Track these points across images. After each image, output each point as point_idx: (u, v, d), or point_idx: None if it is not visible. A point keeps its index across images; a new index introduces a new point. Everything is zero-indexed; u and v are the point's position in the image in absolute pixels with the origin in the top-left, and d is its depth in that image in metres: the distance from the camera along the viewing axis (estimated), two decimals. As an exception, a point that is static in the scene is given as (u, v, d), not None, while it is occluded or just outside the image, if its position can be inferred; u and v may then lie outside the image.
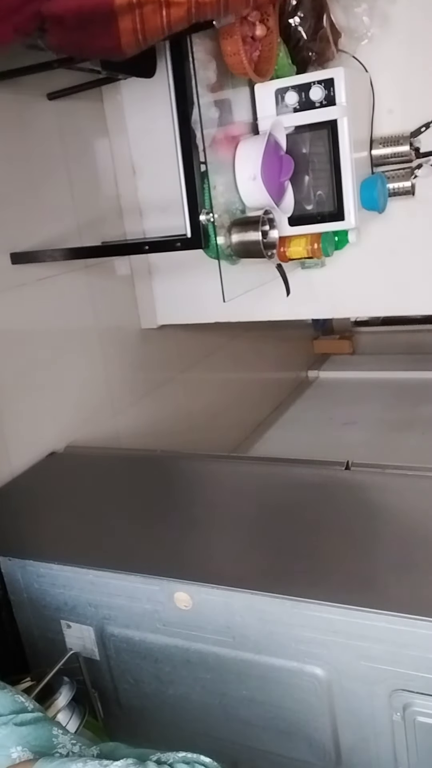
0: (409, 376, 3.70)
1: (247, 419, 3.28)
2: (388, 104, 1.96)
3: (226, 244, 1.71)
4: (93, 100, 2.21)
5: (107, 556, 1.44)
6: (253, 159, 1.70)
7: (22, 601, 1.53)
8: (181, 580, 1.31)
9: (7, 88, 1.80)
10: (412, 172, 1.96)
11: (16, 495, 1.80)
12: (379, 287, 2.16)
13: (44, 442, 2.00)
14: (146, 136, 2.22)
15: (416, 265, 2.08)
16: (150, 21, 1.28)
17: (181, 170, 1.62)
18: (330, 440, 3.12)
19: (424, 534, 1.38)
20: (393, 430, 3.13)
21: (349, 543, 1.38)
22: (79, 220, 2.14)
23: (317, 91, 1.75)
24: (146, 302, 2.46)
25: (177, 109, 1.58)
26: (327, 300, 2.26)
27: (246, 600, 1.26)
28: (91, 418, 2.21)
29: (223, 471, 1.86)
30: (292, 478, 1.72)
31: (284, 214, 1.83)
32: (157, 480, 1.81)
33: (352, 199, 1.81)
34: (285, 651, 1.26)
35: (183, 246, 1.68)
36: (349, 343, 4.25)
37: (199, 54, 1.58)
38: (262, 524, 1.51)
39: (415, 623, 1.12)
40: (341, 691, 1.24)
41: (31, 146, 1.97)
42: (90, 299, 2.21)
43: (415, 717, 1.19)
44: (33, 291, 1.97)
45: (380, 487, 1.61)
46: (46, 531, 1.60)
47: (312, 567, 1.32)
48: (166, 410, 2.61)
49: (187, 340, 2.76)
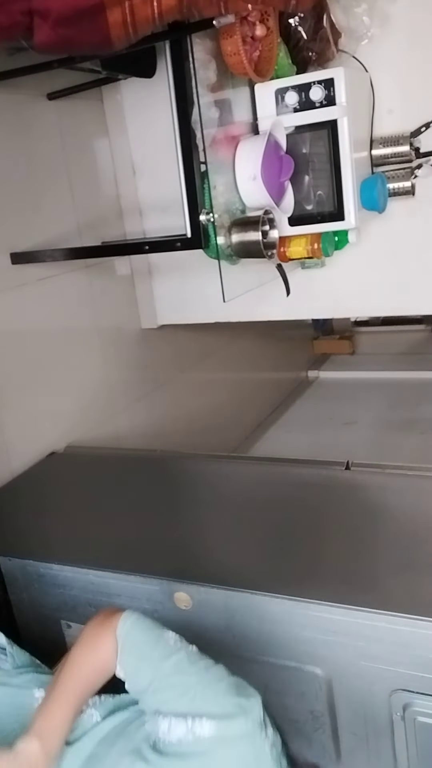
0: (409, 376, 3.70)
1: (247, 419, 3.28)
2: (388, 104, 1.96)
3: (226, 244, 1.71)
4: (93, 100, 2.21)
5: (107, 556, 1.44)
6: (253, 159, 1.70)
7: (22, 601, 1.53)
8: (181, 580, 1.31)
9: (7, 88, 1.80)
10: (412, 172, 1.96)
11: (16, 495, 1.80)
12: (379, 287, 2.16)
13: (44, 442, 2.00)
14: (146, 136, 2.23)
15: (416, 265, 2.08)
16: (140, 12, 1.26)
17: (181, 170, 1.62)
18: (330, 440, 3.13)
19: (424, 534, 1.38)
20: (393, 430, 3.13)
21: (349, 543, 1.38)
22: (79, 220, 2.14)
23: (317, 91, 1.75)
24: (146, 302, 2.46)
25: (177, 109, 1.58)
26: (327, 300, 2.26)
27: (246, 600, 1.26)
28: (91, 418, 2.21)
29: (223, 471, 1.86)
30: (292, 478, 1.72)
31: (284, 214, 1.83)
32: (156, 480, 1.81)
33: (352, 199, 1.81)
34: (285, 651, 1.26)
35: (183, 246, 1.68)
36: (349, 343, 4.25)
37: (199, 54, 1.58)
38: (262, 524, 1.51)
39: (415, 623, 1.12)
40: (341, 691, 1.24)
41: (31, 146, 1.97)
42: (90, 299, 2.21)
43: (415, 717, 1.19)
44: (33, 291, 1.97)
45: (380, 487, 1.61)
46: (46, 531, 1.60)
47: (312, 567, 1.32)
48: (166, 410, 2.61)
49: (187, 340, 2.76)
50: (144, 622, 1.01)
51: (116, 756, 0.93)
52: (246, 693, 0.93)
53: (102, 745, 0.95)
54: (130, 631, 0.99)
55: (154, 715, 0.92)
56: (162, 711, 0.92)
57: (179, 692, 0.92)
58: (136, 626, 1.00)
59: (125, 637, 0.99)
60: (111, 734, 0.97)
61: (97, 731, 0.98)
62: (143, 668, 0.96)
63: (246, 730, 0.88)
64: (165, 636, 1.00)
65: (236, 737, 0.88)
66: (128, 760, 0.90)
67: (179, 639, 1.00)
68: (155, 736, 0.91)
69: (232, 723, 0.89)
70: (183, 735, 0.88)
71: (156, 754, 0.89)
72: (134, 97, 2.20)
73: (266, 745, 0.89)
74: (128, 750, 0.92)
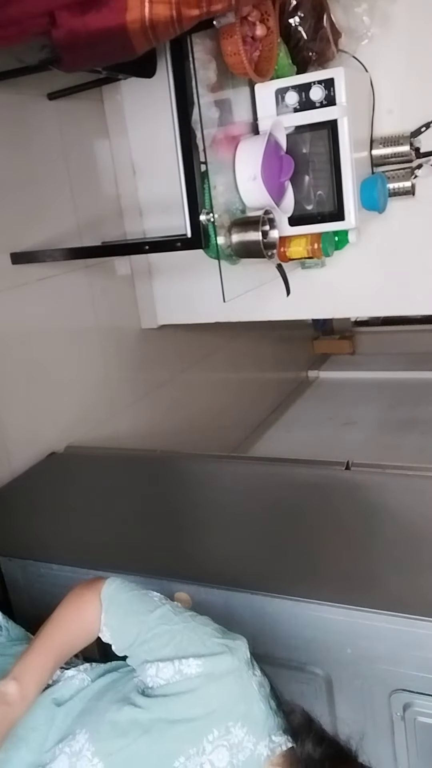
0: (409, 376, 3.70)
1: (247, 419, 3.28)
2: (388, 104, 1.96)
3: (226, 244, 1.71)
4: (93, 100, 2.21)
5: (107, 556, 1.44)
6: (254, 159, 1.70)
7: (22, 601, 1.53)
8: (181, 580, 1.31)
9: (7, 88, 1.80)
10: (412, 172, 1.96)
11: (16, 495, 1.80)
12: (379, 287, 2.16)
13: (44, 442, 2.00)
14: (146, 136, 2.22)
15: (416, 265, 2.08)
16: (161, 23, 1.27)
17: (182, 170, 1.62)
18: (330, 440, 3.13)
19: (423, 534, 1.38)
20: (393, 430, 3.13)
21: (350, 543, 1.38)
22: (79, 220, 2.14)
23: (317, 91, 1.75)
24: (146, 302, 2.46)
25: (177, 109, 1.58)
26: (327, 300, 2.26)
27: (246, 600, 1.26)
28: (91, 418, 2.21)
29: (223, 471, 1.86)
30: (292, 478, 1.72)
31: (284, 214, 1.83)
32: (156, 480, 1.81)
33: (352, 199, 1.81)
34: (285, 651, 1.26)
35: (183, 246, 1.68)
36: (349, 343, 4.25)
37: (199, 54, 1.58)
38: (262, 524, 1.51)
39: (415, 623, 1.12)
40: (341, 691, 1.24)
41: (31, 146, 1.97)
42: (90, 299, 2.21)
43: (415, 717, 1.19)
44: (33, 291, 1.97)
45: (380, 487, 1.61)
46: (46, 531, 1.60)
47: (312, 567, 1.32)
48: (166, 410, 2.61)
49: (187, 340, 2.76)
50: (128, 585, 1.03)
51: (105, 705, 0.94)
52: (232, 636, 0.95)
53: (92, 701, 0.97)
54: (114, 593, 1.00)
55: (142, 665, 0.94)
56: (149, 659, 0.93)
57: (165, 640, 0.93)
58: (121, 588, 1.01)
59: (110, 598, 1.00)
60: (101, 690, 0.99)
61: (88, 691, 0.99)
62: (129, 624, 0.97)
63: (233, 665, 0.89)
64: (149, 594, 1.01)
65: (223, 673, 0.89)
66: (116, 706, 0.92)
67: (164, 597, 1.02)
68: (144, 682, 0.93)
69: (219, 660, 0.90)
70: (171, 676, 0.90)
71: (144, 698, 0.91)
72: (134, 97, 2.20)
73: (253, 682, 0.90)
74: (117, 699, 0.94)
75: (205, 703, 0.88)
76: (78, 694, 0.99)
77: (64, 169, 2.09)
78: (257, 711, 0.88)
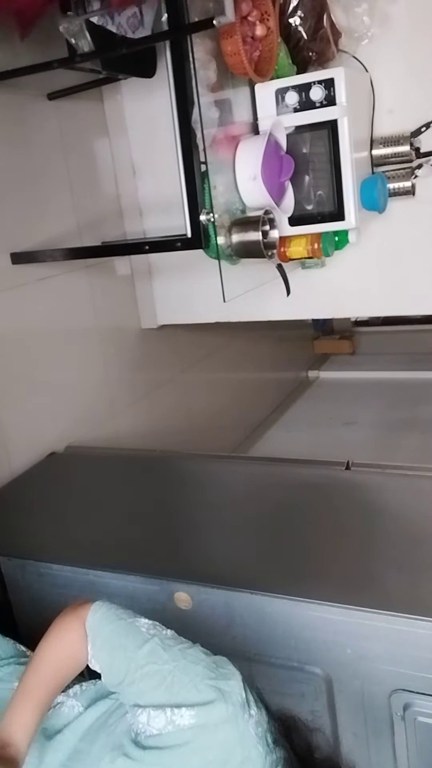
0: (409, 376, 3.70)
1: (247, 419, 3.28)
2: (388, 104, 1.97)
3: (226, 244, 1.71)
4: (93, 100, 2.21)
5: (107, 556, 1.44)
6: (254, 159, 1.70)
7: (22, 601, 1.53)
8: (181, 580, 1.31)
9: (7, 88, 1.80)
10: (412, 172, 1.96)
11: (16, 495, 1.80)
12: (379, 287, 2.16)
13: (44, 442, 2.00)
14: (146, 136, 2.22)
15: (416, 265, 2.08)
16: None
17: (182, 170, 1.62)
18: (330, 440, 3.12)
19: (423, 534, 1.38)
20: (393, 430, 3.13)
21: (349, 543, 1.38)
22: (79, 220, 2.14)
23: (317, 91, 1.75)
24: (146, 302, 2.46)
25: (177, 109, 1.58)
26: (327, 300, 2.26)
27: (246, 600, 1.26)
28: (91, 419, 2.21)
29: (223, 471, 1.86)
30: (292, 478, 1.72)
31: (284, 214, 1.83)
32: (156, 480, 1.81)
33: (353, 199, 1.81)
34: (285, 651, 1.26)
35: (183, 246, 1.68)
36: (349, 343, 4.25)
37: (199, 54, 1.58)
38: (262, 524, 1.51)
39: (415, 623, 1.12)
40: (341, 691, 1.24)
41: (31, 146, 1.97)
42: (90, 299, 2.21)
43: (415, 717, 1.19)
44: (33, 291, 1.97)
45: (380, 487, 1.61)
46: (46, 531, 1.60)
47: (312, 567, 1.32)
48: (166, 410, 2.61)
49: (187, 340, 2.76)
50: (115, 612, 0.98)
51: (98, 752, 0.91)
52: (225, 674, 0.90)
53: (84, 741, 0.94)
54: (100, 622, 0.96)
55: (133, 708, 0.91)
56: (140, 703, 0.90)
57: (155, 682, 0.89)
58: (106, 617, 0.97)
59: (96, 629, 0.96)
60: (93, 727, 0.95)
61: (79, 723, 0.96)
62: (117, 660, 0.93)
63: (227, 714, 0.85)
64: (137, 624, 0.97)
65: (218, 723, 0.85)
66: (110, 756, 0.89)
67: (153, 625, 0.97)
68: (136, 729, 0.89)
69: (212, 709, 0.86)
70: (163, 726, 0.86)
71: (137, 749, 0.87)
72: (134, 97, 2.19)
73: (250, 726, 0.86)
74: (110, 745, 0.91)
75: (201, 756, 0.85)
76: (69, 725, 0.96)
77: (64, 169, 2.09)
78: (255, 754, 0.85)
